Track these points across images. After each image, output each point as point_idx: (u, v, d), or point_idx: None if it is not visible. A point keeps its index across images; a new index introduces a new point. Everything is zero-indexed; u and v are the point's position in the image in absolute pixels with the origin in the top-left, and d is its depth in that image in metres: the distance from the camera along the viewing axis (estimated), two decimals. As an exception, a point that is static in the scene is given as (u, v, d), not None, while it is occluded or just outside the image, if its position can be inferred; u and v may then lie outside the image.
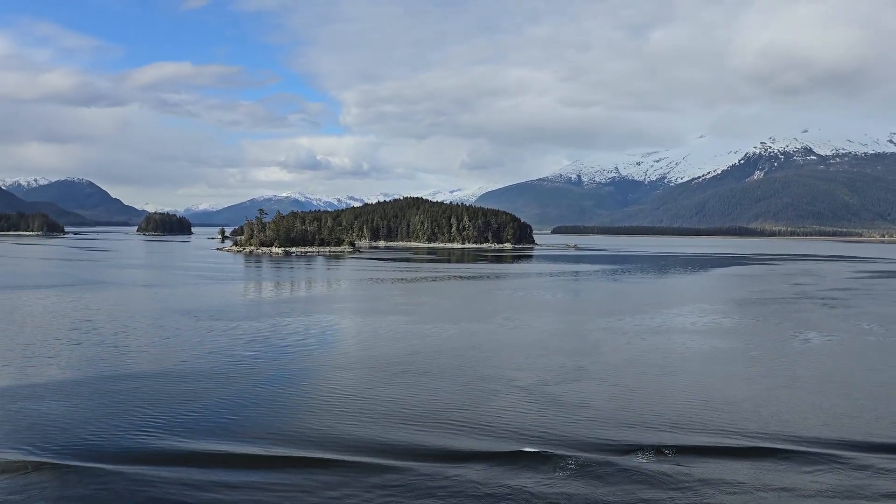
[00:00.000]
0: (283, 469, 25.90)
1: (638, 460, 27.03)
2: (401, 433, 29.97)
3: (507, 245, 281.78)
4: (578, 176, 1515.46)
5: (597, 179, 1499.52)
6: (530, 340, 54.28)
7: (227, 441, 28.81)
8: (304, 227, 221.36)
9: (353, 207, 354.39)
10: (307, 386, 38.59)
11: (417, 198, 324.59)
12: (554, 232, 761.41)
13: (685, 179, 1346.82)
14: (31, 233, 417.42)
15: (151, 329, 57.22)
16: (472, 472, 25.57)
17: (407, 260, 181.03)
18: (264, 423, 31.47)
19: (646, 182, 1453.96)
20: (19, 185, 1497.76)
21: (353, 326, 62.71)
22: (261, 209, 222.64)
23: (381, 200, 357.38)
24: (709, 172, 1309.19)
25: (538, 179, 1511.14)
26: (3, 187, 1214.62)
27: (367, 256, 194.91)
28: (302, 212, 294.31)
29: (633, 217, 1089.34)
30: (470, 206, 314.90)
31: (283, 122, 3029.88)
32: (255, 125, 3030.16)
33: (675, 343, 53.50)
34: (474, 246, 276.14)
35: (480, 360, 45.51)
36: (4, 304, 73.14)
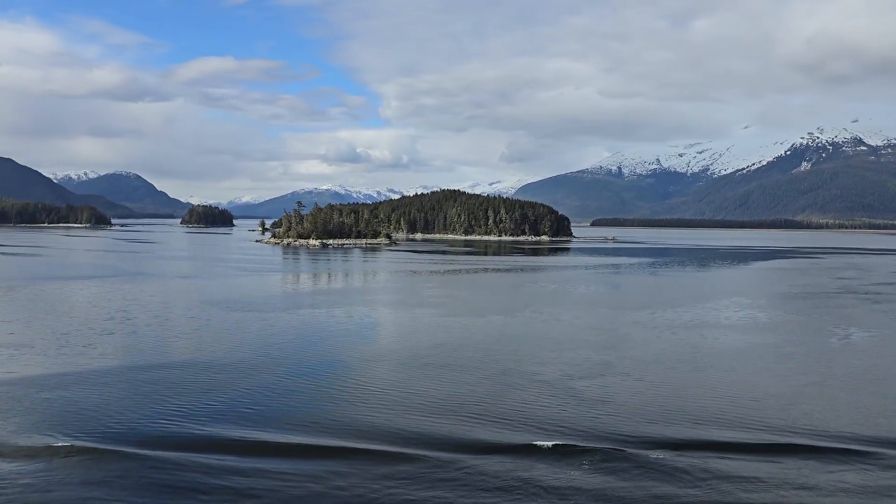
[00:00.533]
0: (309, 457, 26.10)
1: (656, 455, 26.43)
2: (424, 423, 29.96)
3: (545, 237, 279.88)
4: (619, 168, 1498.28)
5: (637, 171, 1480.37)
6: (557, 334, 53.74)
7: (255, 429, 29.12)
8: (341, 219, 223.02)
9: (391, 200, 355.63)
10: (333, 376, 38.69)
11: (454, 190, 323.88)
12: (593, 224, 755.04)
13: (729, 171, 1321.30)
14: (79, 225, 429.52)
15: (184, 319, 58.24)
16: (491, 464, 25.36)
17: (442, 252, 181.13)
18: (291, 412, 31.75)
19: (688, 174, 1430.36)
20: (70, 178, 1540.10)
21: (380, 318, 62.87)
22: (299, 202, 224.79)
23: (420, 193, 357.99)
24: (753, 164, 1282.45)
25: (578, 171, 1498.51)
26: (56, 181, 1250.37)
27: (403, 249, 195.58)
28: (339, 204, 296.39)
29: (674, 209, 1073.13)
30: (507, 198, 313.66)
31: (323, 115, 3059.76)
32: (297, 119, 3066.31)
33: (705, 338, 52.38)
34: (511, 238, 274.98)
35: (504, 353, 45.17)
36: (48, 294, 75.24)
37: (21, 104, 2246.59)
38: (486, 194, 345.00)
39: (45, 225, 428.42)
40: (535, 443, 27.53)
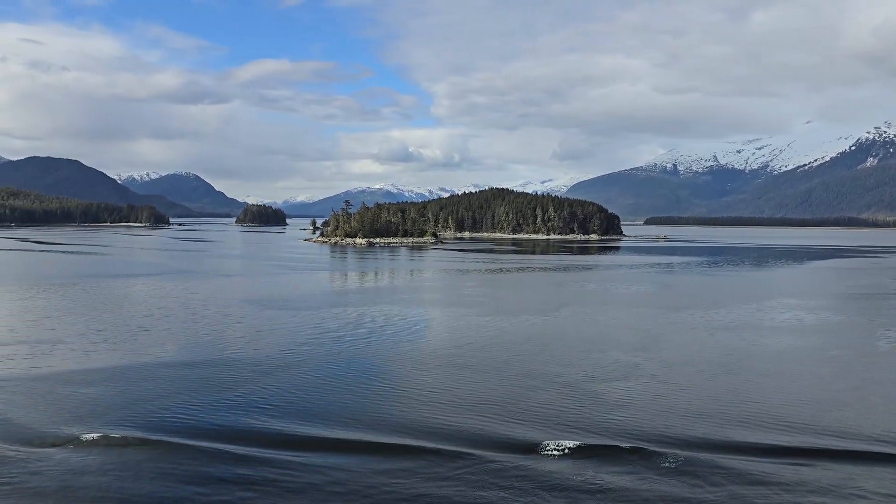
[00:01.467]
0: (343, 452, 26.49)
1: (682, 456, 25.54)
2: (454, 420, 30.04)
3: (594, 236, 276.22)
4: (674, 165, 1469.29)
5: (693, 168, 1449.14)
6: (590, 334, 52.62)
7: (294, 423, 29.81)
8: (388, 218, 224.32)
9: (440, 199, 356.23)
10: (366, 373, 38.45)
11: (502, 189, 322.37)
12: (647, 223, 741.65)
13: (790, 167, 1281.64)
14: (139, 224, 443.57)
15: (223, 316, 59.12)
16: (526, 463, 24.88)
17: (488, 251, 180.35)
18: (330, 407, 32.16)
19: (746, 171, 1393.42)
20: (133, 179, 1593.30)
21: (415, 316, 62.41)
22: (346, 201, 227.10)
23: (469, 192, 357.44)
24: (816, 160, 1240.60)
25: (632, 169, 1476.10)
26: (120, 181, 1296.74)
27: (449, 248, 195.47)
28: (387, 203, 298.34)
29: (731, 207, 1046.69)
30: (555, 196, 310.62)
31: (376, 115, 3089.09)
32: (350, 118, 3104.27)
33: (744, 340, 50.50)
34: (559, 237, 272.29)
35: (530, 354, 44.37)
36: (105, 290, 77.58)
37: (87, 108, 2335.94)
38: (537, 193, 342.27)
39: (108, 224, 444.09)
40: (560, 441, 27.07)
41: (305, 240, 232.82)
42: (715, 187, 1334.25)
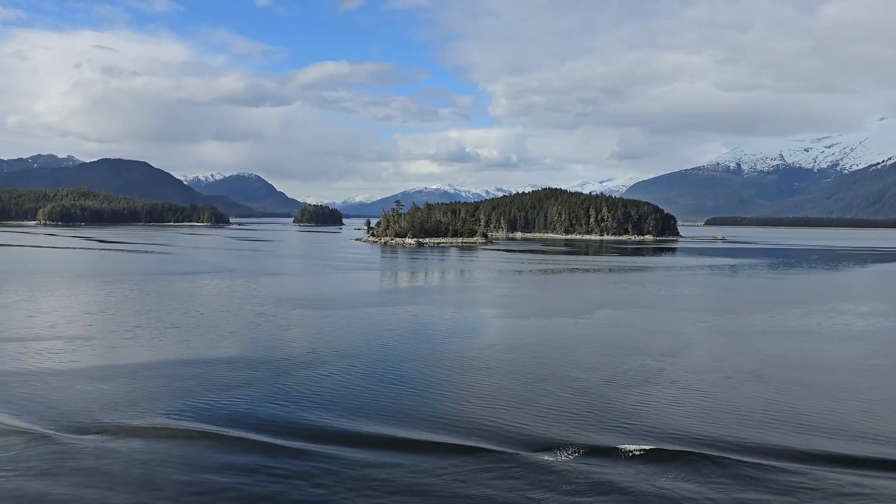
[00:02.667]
0: (389, 448, 26.72)
1: (667, 473, 24.41)
2: (504, 420, 29.66)
3: (648, 237, 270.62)
4: (738, 164, 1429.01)
5: (758, 167, 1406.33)
6: (619, 337, 51.13)
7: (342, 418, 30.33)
8: (437, 218, 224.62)
9: (492, 199, 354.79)
10: (404, 371, 38.36)
11: (555, 188, 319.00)
12: (707, 223, 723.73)
13: (861, 166, 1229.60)
14: (201, 224, 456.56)
15: (253, 314, 59.95)
16: (573, 464, 24.26)
17: (537, 252, 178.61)
18: (380, 405, 32.55)
19: (815, 170, 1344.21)
20: (199, 180, 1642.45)
21: (439, 318, 61.84)
22: (397, 201, 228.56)
23: (523, 191, 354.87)
24: (890, 158, 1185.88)
25: (693, 168, 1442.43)
26: (185, 182, 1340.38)
27: (498, 248, 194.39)
28: (438, 203, 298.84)
29: (798, 207, 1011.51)
30: (609, 196, 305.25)
31: (433, 115, 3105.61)
32: (408, 119, 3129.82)
33: (779, 346, 48.29)
34: (613, 238, 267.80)
35: (551, 356, 43.37)
36: (156, 287, 79.90)
37: (156, 111, 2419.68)
38: (594, 193, 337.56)
39: (171, 224, 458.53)
40: (632, 445, 26.51)
41: (357, 239, 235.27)
42: (781, 187, 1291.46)
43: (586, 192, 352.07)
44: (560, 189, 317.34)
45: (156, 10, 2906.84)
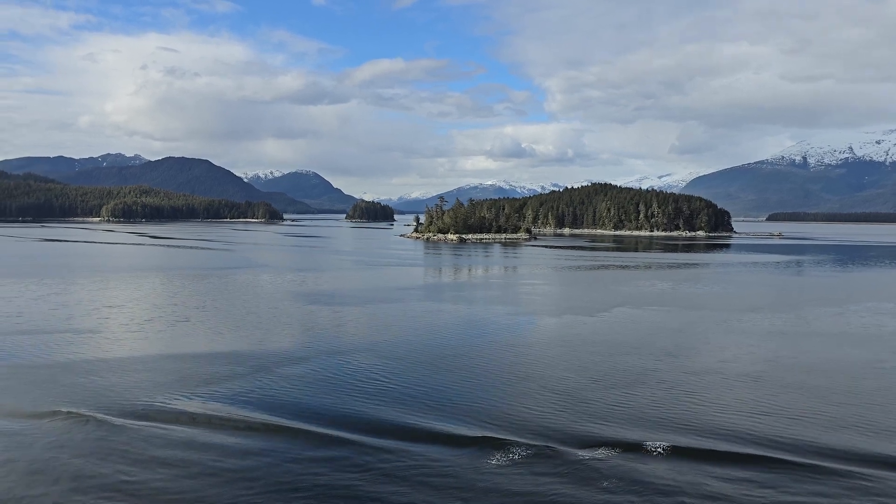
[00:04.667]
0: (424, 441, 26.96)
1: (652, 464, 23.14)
2: (531, 414, 29.07)
3: (701, 233, 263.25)
4: (803, 157, 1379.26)
5: (825, 161, 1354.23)
6: (623, 336, 49.40)
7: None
8: (481, 214, 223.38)
9: (540, 195, 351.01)
10: (431, 367, 37.99)
11: (605, 184, 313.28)
12: (769, 219, 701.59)
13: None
14: (255, 220, 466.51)
15: (263, 309, 60.46)
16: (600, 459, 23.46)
17: (580, 248, 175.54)
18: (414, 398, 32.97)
19: (887, 163, 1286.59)
20: (258, 177, 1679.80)
21: (456, 314, 60.95)
22: (441, 197, 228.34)
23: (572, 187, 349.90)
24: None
25: (756, 162, 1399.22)
26: (246, 180, 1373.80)
27: (541, 244, 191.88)
28: (485, 199, 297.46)
29: (868, 202, 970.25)
30: (660, 191, 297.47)
31: (489, 111, 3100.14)
32: (463, 115, 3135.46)
33: (791, 347, 45.81)
34: (663, 234, 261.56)
35: (548, 356, 42.20)
36: (198, 283, 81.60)
37: (217, 110, 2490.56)
38: (654, 188, 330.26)
39: (227, 220, 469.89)
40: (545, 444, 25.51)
41: (401, 235, 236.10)
42: (849, 181, 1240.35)
43: (644, 187, 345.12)
44: (610, 184, 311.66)
45: (217, 11, 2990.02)
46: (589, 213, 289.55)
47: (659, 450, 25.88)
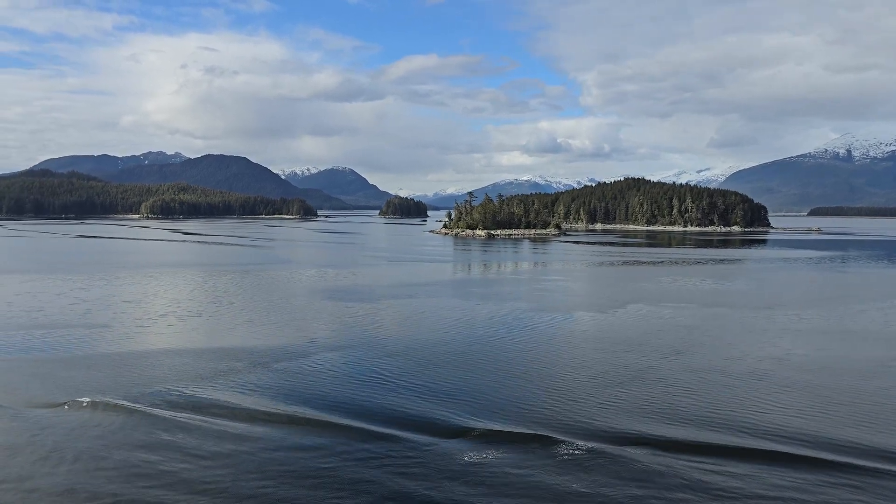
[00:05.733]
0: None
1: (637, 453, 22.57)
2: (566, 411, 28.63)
3: (736, 228, 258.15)
4: (848, 150, 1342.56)
5: (871, 154, 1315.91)
6: (627, 333, 48.45)
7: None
8: (510, 210, 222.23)
9: (572, 190, 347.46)
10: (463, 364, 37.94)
11: (637, 178, 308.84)
12: (811, 214, 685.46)
13: None
14: (290, 216, 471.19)
15: (274, 305, 60.85)
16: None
17: (609, 244, 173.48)
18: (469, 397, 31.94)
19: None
20: (295, 174, 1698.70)
21: (462, 309, 60.57)
22: (470, 192, 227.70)
23: (604, 182, 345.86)
24: None
25: (798, 156, 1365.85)
26: (283, 177, 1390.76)
27: (570, 240, 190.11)
28: (512, 195, 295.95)
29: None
30: (694, 185, 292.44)
31: (524, 106, 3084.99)
32: (498, 111, 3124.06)
33: (800, 345, 44.43)
34: (697, 229, 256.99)
35: (551, 353, 41.64)
36: (209, 279, 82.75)
37: (255, 108, 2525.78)
38: (692, 183, 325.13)
39: (262, 216, 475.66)
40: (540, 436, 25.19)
41: (430, 231, 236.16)
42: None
43: (682, 181, 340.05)
44: (643, 178, 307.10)
45: (254, 10, 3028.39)
46: (621, 209, 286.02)
47: (666, 443, 25.94)
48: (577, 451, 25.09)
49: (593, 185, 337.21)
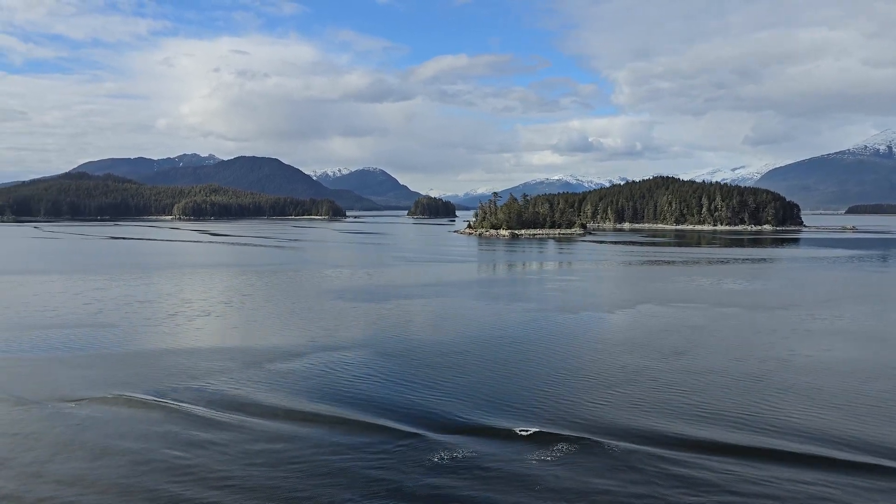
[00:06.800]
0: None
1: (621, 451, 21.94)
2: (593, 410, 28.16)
3: (767, 227, 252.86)
4: (889, 147, 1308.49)
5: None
6: (628, 334, 47.53)
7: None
8: (535, 209, 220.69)
9: (600, 189, 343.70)
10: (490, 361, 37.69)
11: (666, 177, 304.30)
12: (849, 212, 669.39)
13: None
14: (319, 217, 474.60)
15: (283, 307, 60.96)
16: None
17: (634, 243, 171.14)
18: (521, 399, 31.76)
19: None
20: (327, 175, 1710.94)
21: (468, 310, 59.99)
22: (495, 192, 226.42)
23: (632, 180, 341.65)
24: None
25: (837, 153, 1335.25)
26: (314, 178, 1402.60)
27: (595, 240, 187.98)
28: (538, 195, 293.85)
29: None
30: (724, 184, 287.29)
31: (554, 105, 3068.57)
32: (528, 110, 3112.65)
33: (806, 346, 43.05)
34: (727, 228, 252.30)
35: (551, 351, 40.94)
36: (203, 279, 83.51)
37: (286, 110, 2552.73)
38: (726, 181, 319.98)
39: (292, 217, 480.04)
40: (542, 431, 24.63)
41: (454, 231, 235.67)
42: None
43: (717, 179, 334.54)
44: (672, 177, 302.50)
45: (284, 13, 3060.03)
46: (650, 208, 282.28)
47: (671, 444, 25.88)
48: (613, 452, 25.10)
49: (627, 183, 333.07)
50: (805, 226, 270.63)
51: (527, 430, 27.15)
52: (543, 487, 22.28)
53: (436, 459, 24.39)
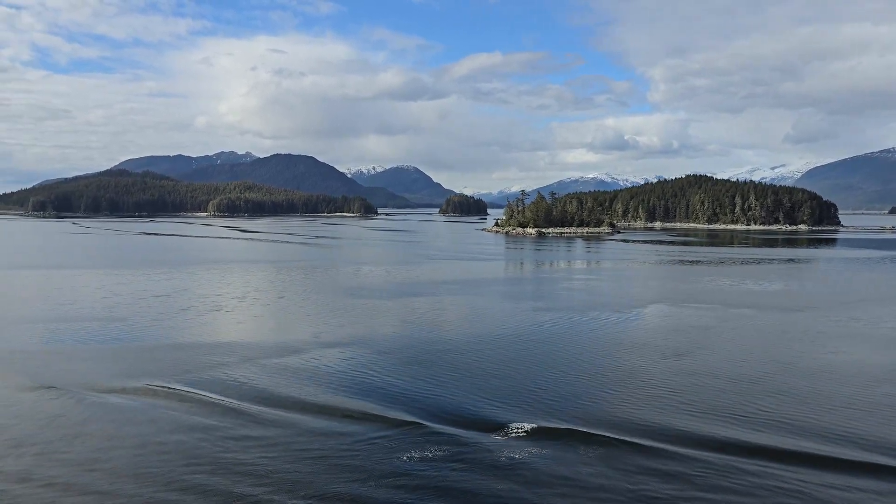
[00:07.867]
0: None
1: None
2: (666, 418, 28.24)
3: (802, 227, 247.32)
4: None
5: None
6: (630, 334, 46.97)
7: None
8: (563, 208, 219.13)
9: (630, 188, 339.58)
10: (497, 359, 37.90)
11: (699, 175, 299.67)
12: (892, 212, 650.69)
13: None
14: (350, 214, 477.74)
15: (317, 305, 61.50)
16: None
17: (663, 242, 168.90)
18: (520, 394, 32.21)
19: None
20: (361, 172, 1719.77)
21: (476, 309, 59.79)
22: (522, 190, 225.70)
23: (664, 178, 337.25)
24: None
25: (881, 151, 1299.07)
26: (349, 175, 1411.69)
27: (623, 238, 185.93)
28: (566, 194, 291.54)
29: None
30: (759, 183, 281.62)
31: (589, 103, 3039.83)
32: (562, 108, 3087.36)
33: (815, 349, 41.99)
34: (761, 227, 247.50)
35: (551, 350, 40.65)
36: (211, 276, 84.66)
37: (321, 108, 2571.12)
38: (766, 180, 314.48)
39: (324, 214, 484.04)
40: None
41: (482, 229, 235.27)
42: None
43: (756, 178, 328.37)
44: (705, 176, 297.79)
45: (321, 12, 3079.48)
46: (682, 207, 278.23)
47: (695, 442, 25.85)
48: (630, 450, 25.10)
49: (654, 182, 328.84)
50: (842, 226, 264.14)
51: (530, 425, 27.25)
52: (545, 481, 22.36)
53: (440, 452, 24.68)
